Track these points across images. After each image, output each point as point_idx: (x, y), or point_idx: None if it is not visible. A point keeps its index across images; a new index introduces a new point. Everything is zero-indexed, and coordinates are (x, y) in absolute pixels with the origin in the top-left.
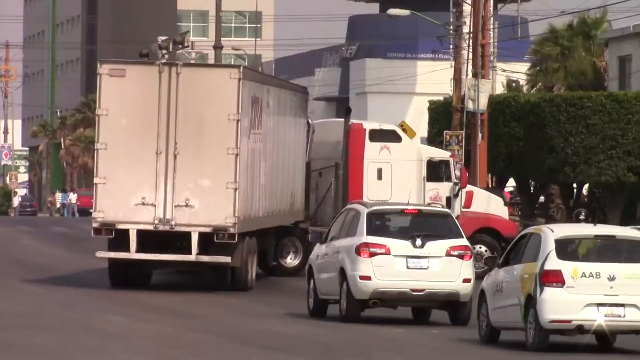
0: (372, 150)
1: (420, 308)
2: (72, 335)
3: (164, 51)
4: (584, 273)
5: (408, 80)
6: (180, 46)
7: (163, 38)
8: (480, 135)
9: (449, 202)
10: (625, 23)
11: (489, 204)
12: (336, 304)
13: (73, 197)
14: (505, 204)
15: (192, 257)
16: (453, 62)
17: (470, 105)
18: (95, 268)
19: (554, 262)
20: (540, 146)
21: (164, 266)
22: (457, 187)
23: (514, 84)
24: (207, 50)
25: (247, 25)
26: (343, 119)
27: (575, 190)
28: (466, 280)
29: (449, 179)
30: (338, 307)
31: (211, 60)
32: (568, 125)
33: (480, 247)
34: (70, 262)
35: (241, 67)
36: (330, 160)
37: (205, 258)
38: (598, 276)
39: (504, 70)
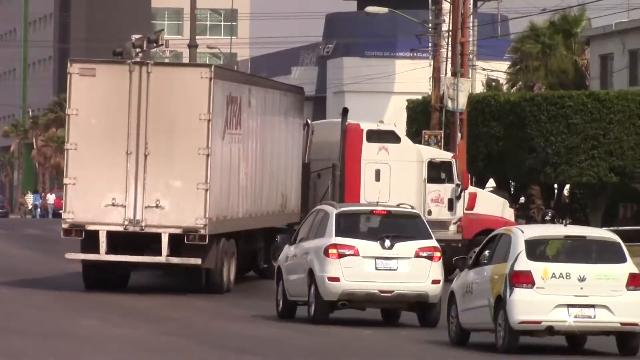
0: (370, 151)
1: (390, 309)
2: (44, 339)
3: (138, 49)
4: (554, 274)
5: (386, 79)
6: (154, 44)
7: (137, 36)
8: (459, 134)
9: (451, 204)
10: (607, 21)
11: (494, 206)
12: (305, 305)
13: (51, 197)
14: (511, 205)
15: (162, 259)
16: (432, 61)
17: (449, 105)
18: (70, 270)
19: (523, 263)
20: (521, 146)
21: (140, 268)
22: (459, 189)
23: (493, 83)
24: (181, 49)
25: (222, 23)
26: (356, 121)
27: (556, 190)
28: (435, 282)
29: (451, 180)
30: (307, 309)
31: (186, 59)
32: (549, 124)
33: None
34: (43, 265)
35: (212, 67)
36: (329, 161)
37: (175, 260)
38: (568, 277)
39: (484, 69)
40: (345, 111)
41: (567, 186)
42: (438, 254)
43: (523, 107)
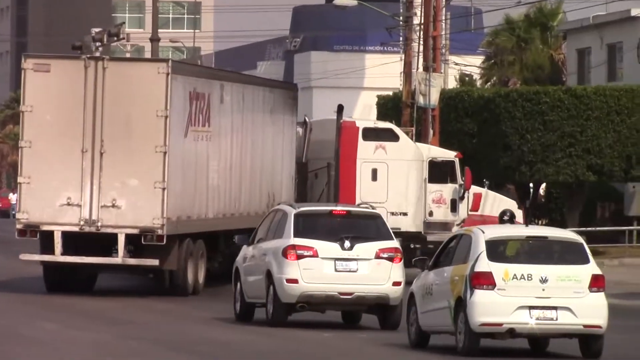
0: (366, 150)
1: (350, 312)
2: (0, 344)
3: (98, 44)
4: (515, 275)
5: (355, 74)
6: (115, 38)
7: (97, 30)
8: (431, 131)
9: (454, 205)
10: (584, 14)
11: (501, 207)
12: (263, 307)
13: (13, 197)
14: (519, 206)
15: (118, 260)
16: (403, 55)
17: (421, 100)
18: (31, 273)
19: (484, 264)
20: (495, 143)
21: (102, 269)
22: (462, 189)
23: (467, 78)
24: (143, 43)
25: (185, 16)
26: (352, 118)
27: (532, 190)
28: (396, 284)
29: (453, 180)
30: (265, 311)
31: (148, 53)
32: (524, 121)
33: None
34: (1, 267)
35: (169, 61)
36: (326, 160)
37: (132, 261)
38: (530, 278)
39: (457, 64)
40: (340, 108)
41: (543, 185)
42: (399, 255)
43: (497, 103)
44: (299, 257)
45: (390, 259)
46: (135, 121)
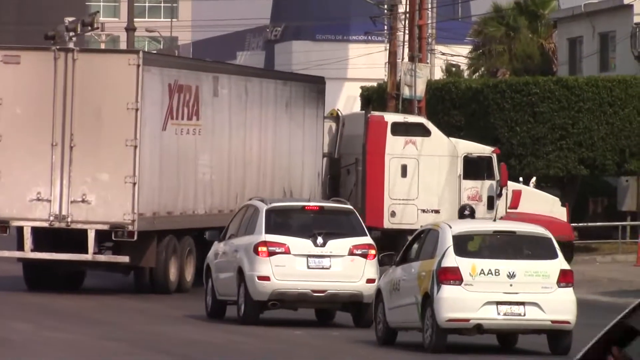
0: (395, 145)
1: (324, 309)
2: None
3: (72, 33)
4: (482, 270)
5: (339, 64)
6: (89, 28)
7: (71, 19)
8: None
9: (491, 202)
10: (576, 2)
11: (543, 204)
12: (235, 305)
13: None
14: (563, 204)
15: (88, 257)
16: (388, 45)
17: (406, 92)
18: (8, 271)
19: (451, 259)
20: (484, 136)
21: (85, 266)
22: (498, 186)
23: (454, 69)
24: (118, 32)
25: (162, 4)
26: (380, 112)
27: (522, 184)
28: (370, 281)
29: (490, 176)
30: (236, 309)
31: (123, 43)
32: (513, 113)
33: None
34: None
35: (140, 53)
36: (356, 156)
37: (102, 257)
38: (497, 273)
39: (443, 54)
40: (368, 102)
41: (534, 179)
42: (373, 251)
43: (486, 94)
44: (271, 253)
45: (364, 256)
46: (105, 114)
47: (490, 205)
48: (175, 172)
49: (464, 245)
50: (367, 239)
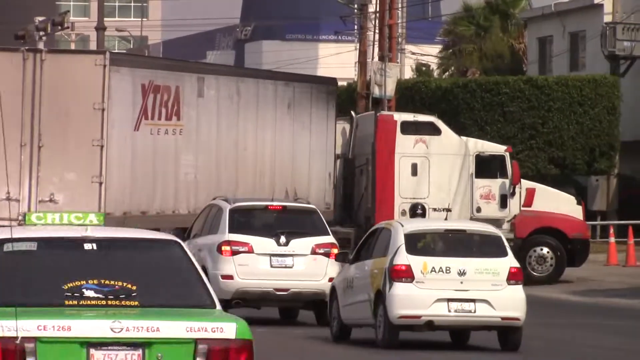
0: (405, 144)
1: (287, 308)
2: None
3: (42, 33)
4: (433, 268)
5: (309, 63)
6: (59, 27)
7: (41, 19)
8: None
9: (504, 201)
10: (546, 1)
11: (558, 203)
12: None
13: None
14: (579, 202)
15: None
16: (358, 45)
17: (376, 91)
18: None
19: (403, 257)
20: None
21: None
22: (510, 184)
23: (424, 68)
24: (88, 32)
25: (132, 4)
26: (390, 112)
27: None
28: (332, 279)
29: (503, 175)
30: None
31: (93, 42)
32: (483, 113)
33: (542, 249)
34: None
35: (107, 53)
36: (367, 156)
37: None
38: (448, 271)
39: (414, 53)
40: (376, 101)
41: None
42: (335, 250)
43: (456, 94)
44: (234, 253)
45: (327, 255)
46: (73, 114)
47: (504, 203)
48: (150, 172)
49: (415, 243)
50: (330, 238)
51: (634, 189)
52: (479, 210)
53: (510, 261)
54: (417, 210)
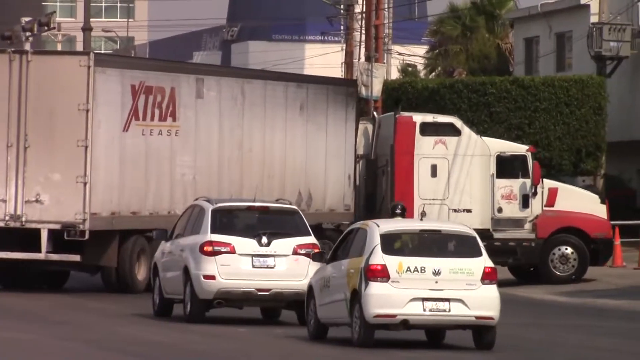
0: (425, 145)
1: (270, 308)
2: None
3: (29, 33)
4: (409, 268)
5: (295, 64)
6: (46, 28)
7: (27, 19)
8: None
9: (526, 201)
10: (533, 2)
11: (581, 202)
12: (182, 303)
13: None
14: (602, 201)
15: (41, 256)
16: (344, 45)
17: (363, 92)
18: None
19: (378, 257)
20: None
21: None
22: (531, 184)
23: (410, 69)
24: (75, 32)
25: (118, 5)
26: (409, 113)
27: None
28: None
29: (525, 175)
30: (182, 307)
31: (80, 43)
32: (470, 113)
33: (566, 249)
34: None
35: (91, 54)
36: (387, 157)
37: (54, 257)
38: (423, 271)
39: (400, 54)
40: (397, 102)
41: None
42: (317, 251)
43: (442, 94)
44: (216, 253)
45: (308, 255)
46: (58, 115)
47: (525, 203)
48: (142, 173)
49: (391, 243)
50: (311, 239)
51: (621, 189)
52: (500, 210)
53: (484, 261)
54: (396, 210)
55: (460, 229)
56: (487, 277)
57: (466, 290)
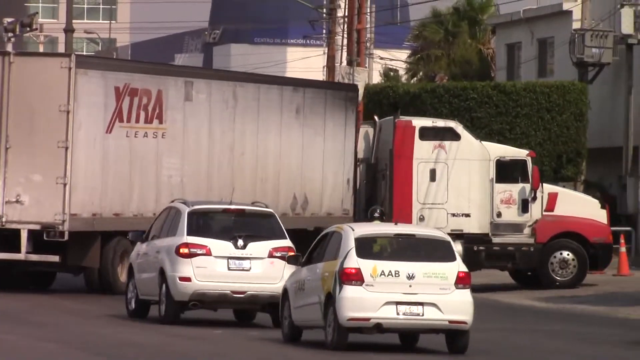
0: (424, 150)
1: (244, 310)
2: None
3: (11, 34)
4: (383, 271)
5: (277, 67)
6: (28, 29)
7: (9, 20)
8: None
9: (525, 205)
10: (515, 7)
11: (581, 207)
12: (157, 304)
13: None
14: (603, 206)
15: (21, 256)
16: (326, 49)
17: None
18: None
19: (353, 261)
20: None
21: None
22: (531, 189)
23: (392, 73)
24: (57, 34)
25: (101, 6)
26: (409, 117)
27: None
28: None
29: (525, 180)
30: (157, 308)
31: (62, 44)
32: (451, 118)
33: (567, 254)
34: None
35: (72, 56)
36: (386, 161)
37: (34, 257)
38: (397, 275)
39: (382, 58)
40: (396, 107)
41: None
42: (292, 254)
43: (424, 99)
44: (192, 255)
45: (284, 258)
46: (39, 116)
47: (525, 208)
48: (126, 174)
49: (365, 247)
50: (287, 242)
51: (601, 195)
52: (499, 215)
53: (458, 265)
54: (374, 214)
55: (434, 233)
56: (461, 281)
57: (440, 295)
